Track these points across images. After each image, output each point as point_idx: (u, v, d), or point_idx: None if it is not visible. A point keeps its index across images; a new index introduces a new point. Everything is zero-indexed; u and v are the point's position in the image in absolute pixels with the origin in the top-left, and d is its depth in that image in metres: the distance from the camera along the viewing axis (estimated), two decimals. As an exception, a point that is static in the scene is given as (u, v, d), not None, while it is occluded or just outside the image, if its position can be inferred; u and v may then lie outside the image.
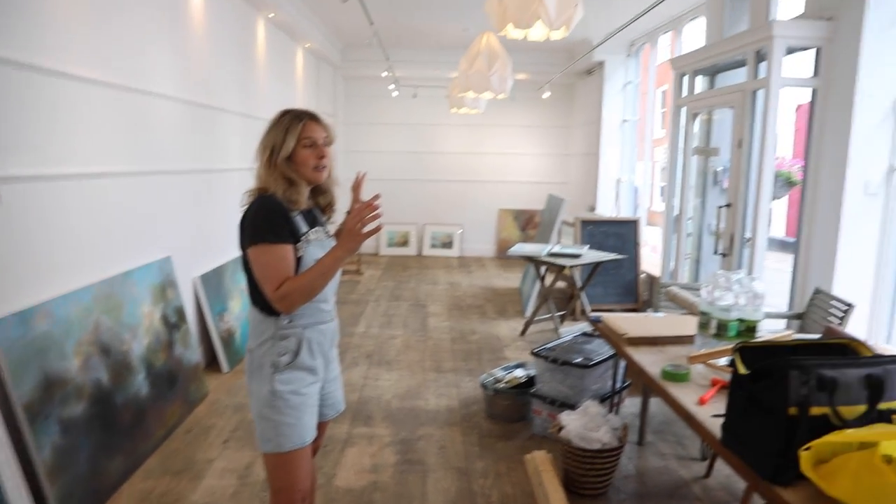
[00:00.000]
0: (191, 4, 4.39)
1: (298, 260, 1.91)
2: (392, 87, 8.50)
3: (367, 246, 10.18)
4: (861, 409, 1.47)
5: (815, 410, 1.43)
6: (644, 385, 3.54)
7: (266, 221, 1.86)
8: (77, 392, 2.84)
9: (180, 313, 4.03)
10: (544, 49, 8.61)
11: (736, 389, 1.61)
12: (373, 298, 7.25)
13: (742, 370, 1.57)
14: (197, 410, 3.90)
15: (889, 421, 1.49)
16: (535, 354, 3.62)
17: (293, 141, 1.93)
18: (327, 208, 2.14)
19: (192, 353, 4.08)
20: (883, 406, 1.50)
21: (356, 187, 2.14)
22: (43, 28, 2.81)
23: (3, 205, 2.51)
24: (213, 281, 4.68)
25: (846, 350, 1.73)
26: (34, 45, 2.74)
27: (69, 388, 2.79)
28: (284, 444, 1.93)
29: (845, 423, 1.43)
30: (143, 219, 3.75)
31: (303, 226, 1.95)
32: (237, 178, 5.17)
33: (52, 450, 2.61)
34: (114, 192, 3.43)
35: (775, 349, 1.70)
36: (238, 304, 4.97)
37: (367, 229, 1.82)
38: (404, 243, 10.42)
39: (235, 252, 4.99)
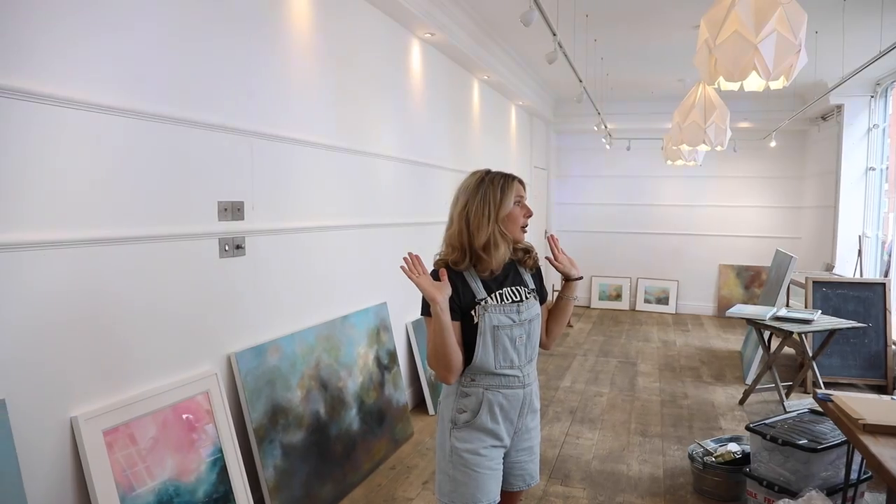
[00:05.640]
0: (411, 73, 4.81)
1: (475, 326, 1.93)
2: (604, 140, 8.44)
3: (580, 298, 10.06)
4: None
5: None
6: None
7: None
8: (298, 421, 3.16)
9: (392, 356, 4.31)
10: (769, 95, 7.97)
11: None
12: (580, 352, 7.11)
13: None
14: (401, 449, 4.10)
15: None
16: (752, 430, 3.27)
17: (511, 199, 1.98)
18: (526, 258, 2.10)
19: (401, 395, 4.32)
20: None
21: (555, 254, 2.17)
22: (291, 109, 3.28)
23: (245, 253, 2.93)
24: (423, 327, 4.94)
25: None
26: (282, 121, 3.20)
27: (291, 417, 3.12)
28: (456, 500, 1.95)
29: None
30: (363, 267, 4.11)
31: (480, 291, 1.96)
32: (449, 229, 5.44)
33: (275, 470, 2.92)
34: (339, 244, 3.82)
35: None
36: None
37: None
38: (617, 297, 10.12)
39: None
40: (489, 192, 1.97)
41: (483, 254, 1.95)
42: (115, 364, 2.29)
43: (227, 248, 2.81)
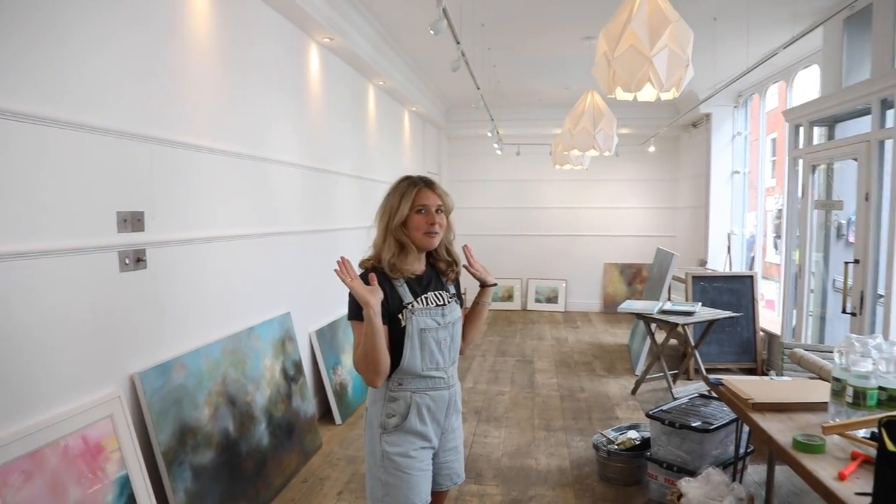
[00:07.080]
0: (310, 78, 4.74)
1: (403, 330, 1.96)
2: (496, 145, 8.68)
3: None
4: None
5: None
6: (770, 453, 3.32)
7: (355, 302, 1.91)
8: (207, 440, 3.02)
9: (298, 366, 4.21)
10: (648, 104, 8.55)
11: (884, 468, 1.49)
12: (479, 353, 7.26)
13: (892, 447, 1.46)
14: (312, 461, 4.02)
15: None
16: (651, 416, 3.50)
17: (407, 206, 2.00)
18: (448, 271, 2.14)
19: (308, 405, 4.23)
20: None
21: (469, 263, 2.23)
22: (191, 114, 3.13)
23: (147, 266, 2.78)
24: (327, 336, 4.87)
25: None
26: (182, 126, 3.06)
27: (200, 436, 2.98)
28: (390, 503, 1.97)
29: None
30: (265, 277, 4.00)
31: (407, 295, 1.99)
32: (351, 236, 5.41)
33: (186, 494, 2.78)
34: (241, 253, 3.69)
35: (927, 423, 1.57)
36: (349, 359, 5.13)
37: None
38: (509, 298, 10.41)
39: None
40: (390, 199, 2.04)
41: (390, 258, 1.99)
42: (6, 393, 2.09)
43: (127, 261, 2.65)
